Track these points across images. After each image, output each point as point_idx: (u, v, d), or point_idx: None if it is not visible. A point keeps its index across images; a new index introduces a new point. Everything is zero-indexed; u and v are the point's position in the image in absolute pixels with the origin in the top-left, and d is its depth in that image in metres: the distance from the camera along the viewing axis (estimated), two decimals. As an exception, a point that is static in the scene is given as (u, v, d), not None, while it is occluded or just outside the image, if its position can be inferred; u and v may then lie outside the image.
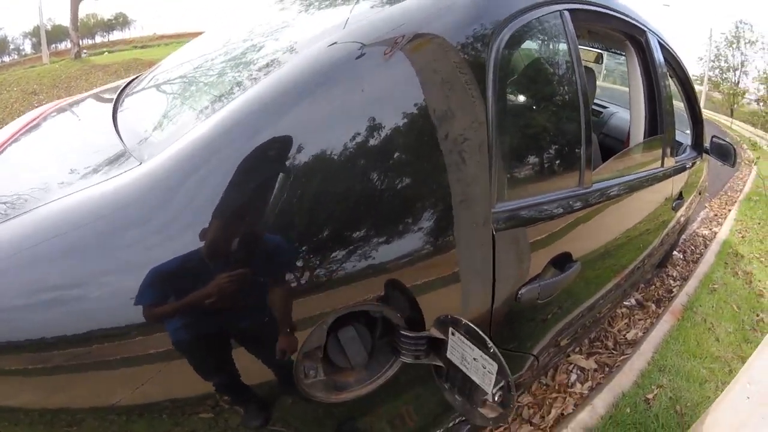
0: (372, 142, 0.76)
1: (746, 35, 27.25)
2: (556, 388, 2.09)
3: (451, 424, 1.15)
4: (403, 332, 0.81)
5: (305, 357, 0.75)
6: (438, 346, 0.81)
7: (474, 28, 0.90)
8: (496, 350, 0.71)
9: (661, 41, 2.00)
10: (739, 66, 27.16)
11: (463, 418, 1.21)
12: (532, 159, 1.12)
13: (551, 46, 1.22)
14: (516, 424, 1.87)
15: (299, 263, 0.69)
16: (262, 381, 0.73)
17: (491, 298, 0.95)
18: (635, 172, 1.65)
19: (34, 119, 1.24)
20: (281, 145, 0.70)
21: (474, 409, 0.79)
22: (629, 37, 1.81)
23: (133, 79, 1.48)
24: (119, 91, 1.31)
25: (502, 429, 1.83)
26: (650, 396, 2.03)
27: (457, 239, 0.85)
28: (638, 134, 1.88)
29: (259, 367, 0.71)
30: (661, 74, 1.90)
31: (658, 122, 1.88)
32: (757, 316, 3.04)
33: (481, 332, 0.73)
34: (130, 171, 0.71)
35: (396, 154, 0.79)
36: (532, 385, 2.06)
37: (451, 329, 0.78)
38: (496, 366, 0.71)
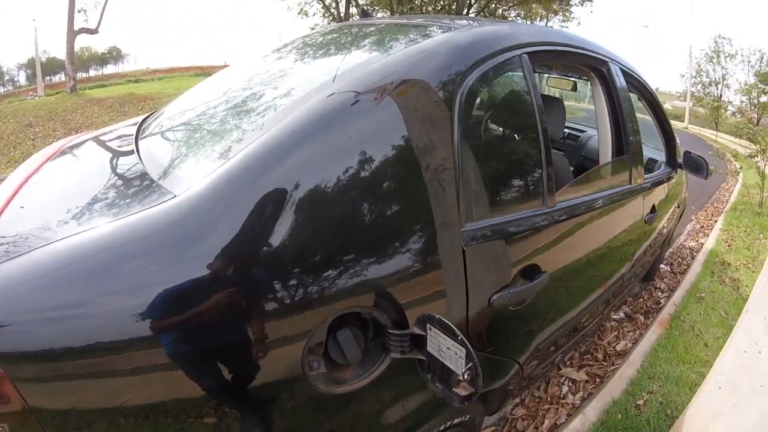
0: (363, 174, 0.95)
1: (725, 49, 28.13)
2: (549, 399, 2.18)
3: (442, 427, 1.26)
4: (390, 331, 0.98)
5: (310, 352, 0.92)
6: (420, 343, 0.97)
7: (447, 73, 1.10)
8: (464, 338, 0.87)
9: (625, 68, 2.16)
10: (721, 80, 27.89)
11: (456, 424, 1.32)
12: (497, 184, 1.29)
13: (512, 86, 1.40)
14: (509, 429, 1.96)
15: (306, 276, 0.87)
16: (277, 373, 0.90)
17: (466, 304, 1.12)
18: (601, 191, 1.79)
19: (54, 153, 1.41)
20: (289, 180, 0.88)
21: (451, 393, 0.94)
22: (591, 68, 1.97)
23: (148, 117, 1.62)
24: (137, 129, 1.46)
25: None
26: (641, 402, 2.12)
27: (433, 254, 1.04)
28: (606, 155, 2.02)
29: (275, 360, 0.88)
30: (625, 99, 2.05)
31: (623, 143, 2.02)
32: (743, 320, 3.10)
33: (450, 324, 0.90)
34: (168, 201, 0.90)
35: (383, 184, 0.98)
36: (525, 398, 2.14)
37: (428, 325, 0.94)
38: (464, 351, 0.87)
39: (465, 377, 0.88)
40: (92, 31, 17.39)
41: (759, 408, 1.08)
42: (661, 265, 3.90)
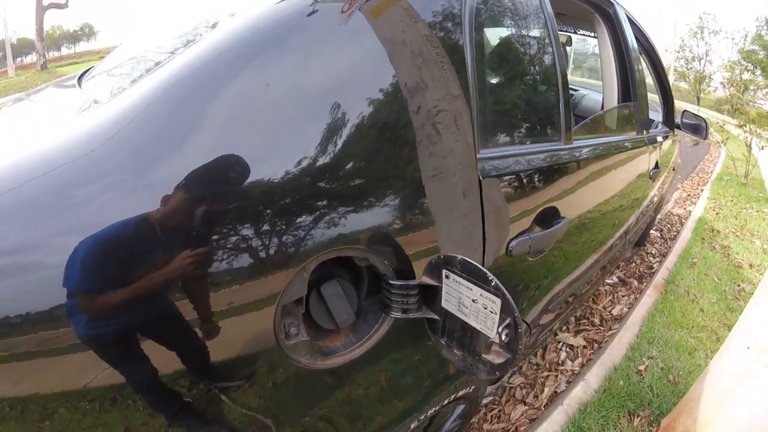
0: (344, 84, 0.71)
1: (710, 25, 28.18)
2: (547, 366, 2.07)
3: (446, 402, 1.10)
4: (392, 282, 0.75)
5: (285, 313, 0.68)
6: (430, 297, 0.76)
7: None
8: (499, 283, 0.65)
9: (629, 16, 2.02)
10: (704, 55, 28.03)
11: (460, 396, 1.16)
12: (514, 112, 1.11)
13: (527, 11, 1.21)
14: (510, 405, 1.83)
15: (276, 209, 0.62)
16: (239, 339, 0.63)
17: (482, 250, 0.91)
18: (614, 135, 1.67)
19: None
20: (245, 92, 0.63)
21: (477, 362, 0.72)
22: (598, 9, 1.83)
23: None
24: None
25: (495, 411, 1.80)
26: (642, 368, 2.02)
27: (442, 185, 0.81)
28: (611, 104, 1.90)
29: (235, 323, 0.62)
30: (631, 45, 1.92)
31: (630, 91, 1.89)
32: (738, 286, 3.08)
33: (479, 266, 0.67)
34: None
35: (381, 105, 0.73)
36: (521, 365, 2.04)
37: (444, 271, 0.72)
38: (499, 302, 0.65)
39: (502, 338, 0.66)
40: (61, 6, 16.72)
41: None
42: (652, 231, 3.84)
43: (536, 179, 1.07)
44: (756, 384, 1.06)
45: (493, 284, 0.66)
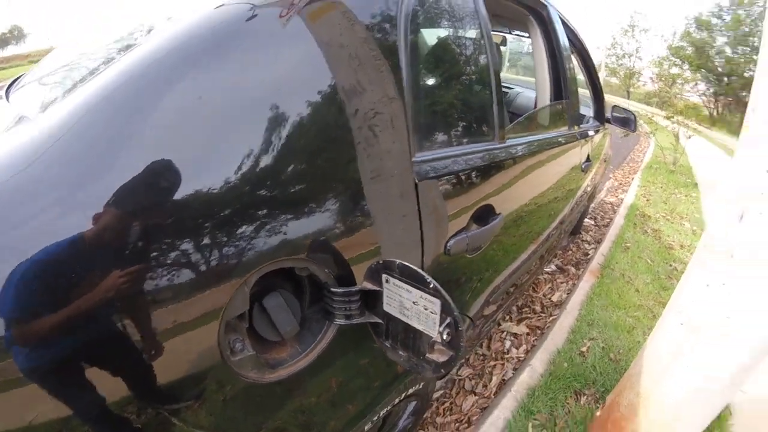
0: (282, 94, 0.69)
1: (640, 24, 29.77)
2: (493, 356, 2.14)
3: (397, 401, 1.12)
4: (333, 290, 0.75)
5: (229, 328, 0.67)
6: (373, 302, 0.77)
7: None
8: (437, 285, 0.67)
9: (561, 17, 2.11)
10: (634, 52, 29.58)
11: (410, 394, 1.18)
12: (449, 114, 1.13)
13: (461, 12, 1.23)
14: (460, 397, 1.88)
15: (214, 223, 0.60)
16: (185, 360, 0.61)
17: (421, 251, 0.93)
18: (546, 132, 1.73)
19: None
20: (178, 107, 0.60)
21: (422, 361, 0.74)
22: (532, 10, 1.90)
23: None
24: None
25: (447, 404, 1.84)
26: (584, 349, 2.13)
27: (380, 191, 0.82)
28: (544, 102, 1.98)
29: (179, 342, 0.60)
30: (563, 46, 2.01)
31: (562, 90, 1.98)
32: (670, 266, 3.29)
33: (417, 269, 0.69)
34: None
35: (319, 109, 0.72)
36: (468, 357, 2.09)
37: (384, 276, 0.73)
38: (438, 303, 0.67)
39: (444, 337, 0.68)
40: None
41: (726, 337, 1.06)
42: (586, 219, 4.03)
43: (471, 179, 1.10)
44: (686, 362, 1.14)
45: (431, 286, 0.67)
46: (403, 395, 1.14)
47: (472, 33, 1.23)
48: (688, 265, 1.22)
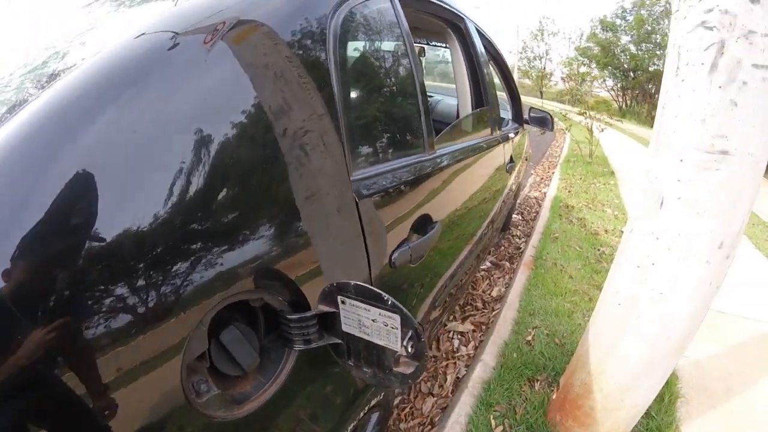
0: (214, 128, 0.65)
1: (549, 28, 31.63)
2: (444, 356, 2.20)
3: (362, 414, 1.13)
4: (288, 316, 0.74)
5: (190, 371, 0.64)
6: (330, 323, 0.77)
7: (310, 11, 0.86)
8: (394, 301, 0.67)
9: (478, 28, 2.22)
10: (545, 54, 31.40)
11: (373, 405, 1.19)
12: (380, 130, 1.16)
13: (384, 27, 1.27)
14: (419, 400, 1.92)
15: (157, 267, 0.56)
16: (149, 412, 0.58)
17: (368, 267, 0.94)
18: (472, 139, 1.82)
19: None
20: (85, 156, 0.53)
21: (388, 375, 0.74)
22: (450, 24, 1.98)
23: None
24: None
25: (407, 409, 1.86)
26: (530, 338, 2.23)
27: (322, 212, 0.82)
28: (466, 110, 2.06)
29: (140, 394, 0.56)
30: (481, 55, 2.11)
31: (482, 97, 2.08)
32: (598, 250, 3.52)
33: (373, 288, 0.69)
34: None
35: (248, 132, 0.69)
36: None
37: (339, 298, 0.73)
38: (398, 318, 0.67)
39: (409, 350, 0.68)
40: None
41: (663, 312, 1.17)
42: (514, 216, 4.23)
43: (407, 191, 1.13)
44: (631, 337, 1.24)
45: (389, 303, 0.68)
46: (367, 408, 1.14)
47: (397, 47, 1.26)
48: (617, 251, 1.32)
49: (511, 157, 2.50)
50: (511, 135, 2.56)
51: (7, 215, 0.47)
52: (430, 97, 3.69)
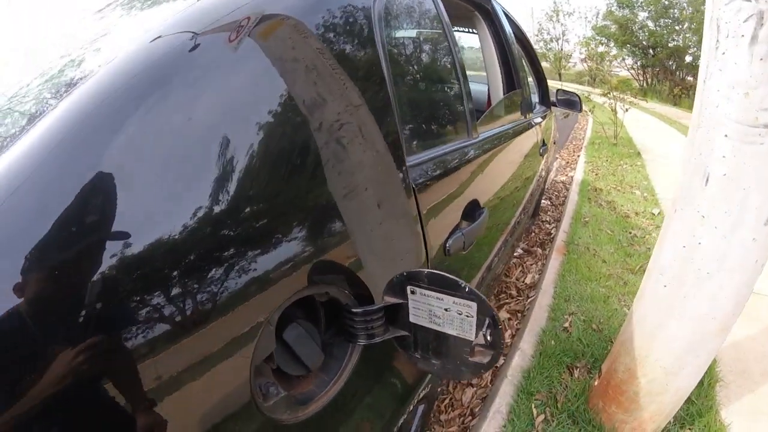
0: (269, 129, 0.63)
1: (564, 8, 31.04)
2: (481, 346, 2.18)
3: (411, 408, 1.12)
4: (354, 310, 0.72)
5: (258, 373, 0.61)
6: (395, 315, 0.74)
7: None
8: (472, 288, 0.64)
9: (504, 10, 2.20)
10: (561, 36, 30.85)
11: (421, 398, 1.19)
12: (430, 116, 1.16)
13: (426, 12, 1.25)
14: (458, 391, 1.92)
15: (228, 260, 0.55)
16: (220, 418, 0.56)
17: (426, 256, 0.93)
18: (508, 123, 1.80)
19: None
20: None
21: (459, 366, 0.71)
22: (478, 6, 1.96)
23: None
24: None
25: (447, 400, 1.87)
26: (566, 325, 2.21)
27: (383, 199, 0.79)
28: (498, 94, 2.04)
29: (210, 400, 0.54)
30: (510, 38, 2.09)
31: (514, 80, 2.05)
32: (630, 233, 3.45)
33: (448, 275, 0.66)
34: None
35: (296, 132, 0.66)
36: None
37: (409, 288, 0.70)
38: (475, 305, 0.64)
39: (487, 339, 0.65)
40: None
41: (709, 292, 1.15)
42: (543, 201, 4.17)
43: (456, 176, 1.13)
44: (680, 313, 1.22)
45: (466, 290, 0.65)
46: (416, 400, 1.14)
47: (437, 32, 1.26)
48: (661, 231, 1.29)
49: (543, 140, 2.48)
50: (541, 118, 2.53)
51: (59, 224, 0.45)
52: None
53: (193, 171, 0.54)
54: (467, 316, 0.66)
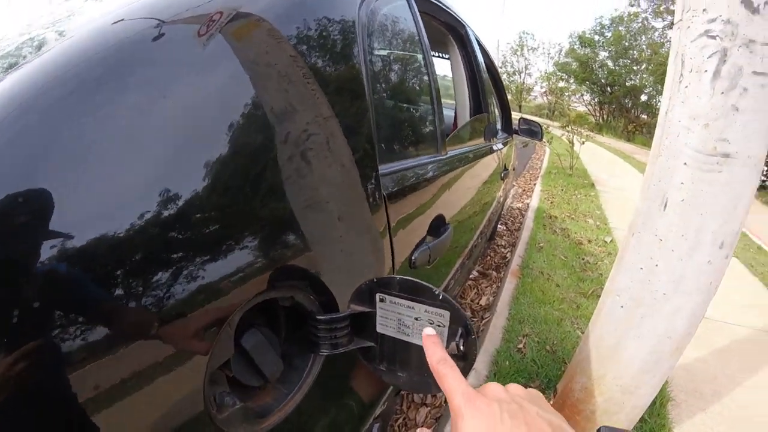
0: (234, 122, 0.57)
1: (529, 43, 32.43)
2: (436, 365, 2.17)
3: (367, 426, 1.07)
4: (318, 317, 0.67)
5: (212, 382, 0.55)
6: (361, 325, 0.69)
7: (339, 4, 0.83)
8: (445, 295, 0.60)
9: (476, 36, 2.26)
10: (524, 69, 32.15)
11: (377, 416, 1.14)
12: (402, 128, 1.17)
13: (406, 27, 1.26)
14: (412, 411, 1.89)
15: (185, 259, 0.50)
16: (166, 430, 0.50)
17: (392, 268, 0.90)
18: (474, 144, 1.84)
19: None
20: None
21: (426, 379, 0.66)
22: (452, 30, 2.01)
23: None
24: None
25: (400, 420, 1.84)
26: (521, 346, 2.24)
27: (355, 203, 0.77)
28: (465, 116, 2.08)
29: (158, 408, 0.48)
30: (480, 63, 2.15)
31: (481, 105, 2.11)
32: (583, 259, 3.57)
33: (422, 282, 0.62)
34: None
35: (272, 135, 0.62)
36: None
37: (378, 295, 0.65)
38: (448, 314, 0.60)
39: (460, 349, 0.60)
40: None
41: (666, 313, 1.19)
42: (499, 226, 4.27)
43: (425, 190, 1.12)
44: (637, 333, 1.26)
45: (440, 297, 0.61)
46: (372, 418, 1.10)
47: (415, 46, 1.27)
48: (618, 255, 1.33)
49: (504, 165, 2.54)
50: (502, 144, 2.60)
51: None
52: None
53: (149, 167, 0.48)
54: (439, 326, 0.61)
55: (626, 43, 23.02)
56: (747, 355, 2.49)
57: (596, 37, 24.90)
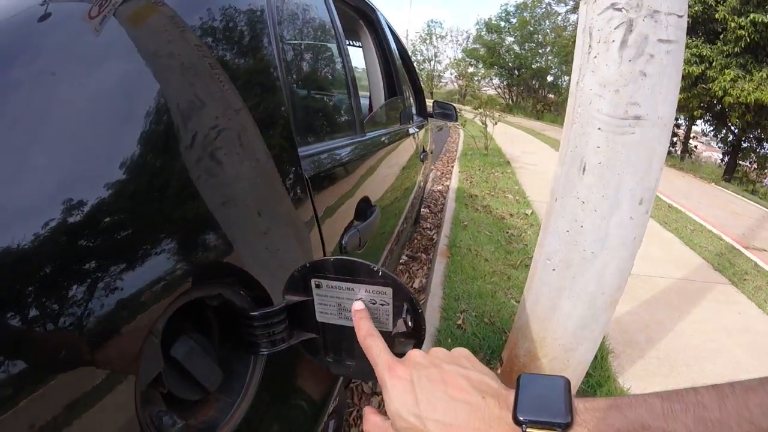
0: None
1: (437, 31, 33.17)
2: (380, 353, 2.19)
3: (322, 425, 1.03)
4: (252, 313, 0.61)
5: (146, 400, 0.49)
6: (299, 316, 0.64)
7: None
8: (384, 270, 0.55)
9: (387, 21, 2.27)
10: (433, 57, 32.87)
11: (331, 412, 1.09)
12: (319, 109, 1.16)
13: (318, 13, 1.24)
14: (365, 402, 1.88)
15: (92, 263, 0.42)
16: None
17: (322, 250, 0.86)
18: (392, 126, 1.86)
19: None
20: None
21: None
22: (363, 14, 2.00)
23: None
24: None
25: (354, 413, 1.82)
26: (460, 322, 2.30)
27: (276, 188, 0.72)
28: (380, 100, 2.09)
29: None
30: (392, 48, 2.17)
31: (396, 89, 2.13)
32: (507, 233, 3.74)
33: (358, 260, 0.57)
34: None
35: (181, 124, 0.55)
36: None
37: (314, 281, 0.60)
38: (390, 290, 0.56)
39: (409, 325, 0.56)
40: None
41: (595, 270, 1.27)
42: (422, 209, 4.35)
43: (346, 172, 1.09)
44: (570, 292, 1.33)
45: (380, 274, 0.55)
46: (326, 416, 1.06)
47: (329, 32, 1.26)
48: (543, 221, 1.40)
49: (423, 147, 2.58)
50: (417, 128, 2.64)
51: None
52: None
53: (38, 173, 0.41)
54: (382, 304, 0.57)
55: (531, 28, 24.41)
56: (671, 302, 2.77)
57: (502, 24, 26.13)
